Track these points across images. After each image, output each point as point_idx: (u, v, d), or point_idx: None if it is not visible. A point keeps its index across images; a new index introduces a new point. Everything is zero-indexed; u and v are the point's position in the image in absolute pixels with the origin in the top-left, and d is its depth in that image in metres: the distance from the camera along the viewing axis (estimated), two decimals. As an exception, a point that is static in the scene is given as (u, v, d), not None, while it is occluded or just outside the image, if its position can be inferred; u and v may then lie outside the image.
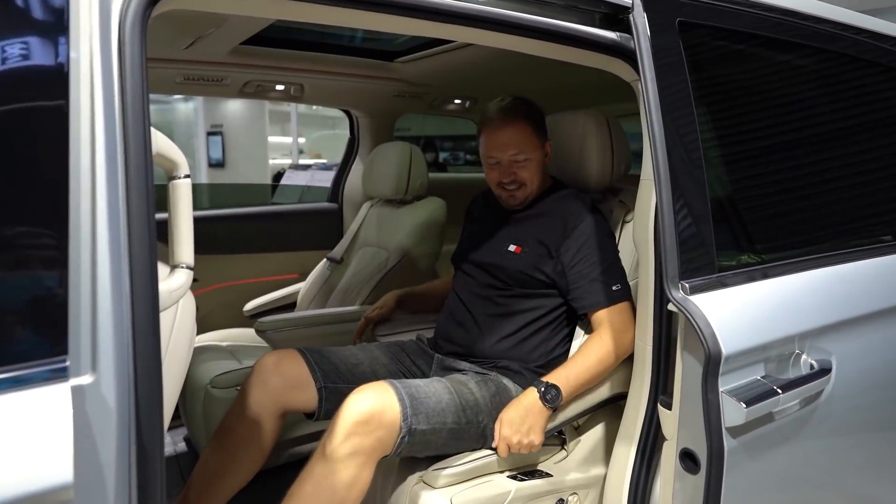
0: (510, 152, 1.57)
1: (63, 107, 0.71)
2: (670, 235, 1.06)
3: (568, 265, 1.53)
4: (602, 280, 1.48)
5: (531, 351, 1.57)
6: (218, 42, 1.82)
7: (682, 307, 1.03)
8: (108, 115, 0.75)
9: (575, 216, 1.55)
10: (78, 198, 0.71)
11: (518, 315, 1.58)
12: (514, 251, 1.59)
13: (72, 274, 0.70)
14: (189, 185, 0.89)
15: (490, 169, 1.62)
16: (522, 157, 1.58)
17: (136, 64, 0.77)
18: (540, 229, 1.58)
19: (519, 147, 1.58)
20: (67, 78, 0.71)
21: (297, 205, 2.94)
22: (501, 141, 1.58)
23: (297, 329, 1.99)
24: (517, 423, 1.36)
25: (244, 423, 1.44)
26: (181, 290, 0.87)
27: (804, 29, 1.40)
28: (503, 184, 1.60)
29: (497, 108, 1.60)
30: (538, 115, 1.64)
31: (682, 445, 1.11)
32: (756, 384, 1.04)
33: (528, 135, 1.59)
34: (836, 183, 1.43)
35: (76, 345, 0.70)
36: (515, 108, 1.60)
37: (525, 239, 1.59)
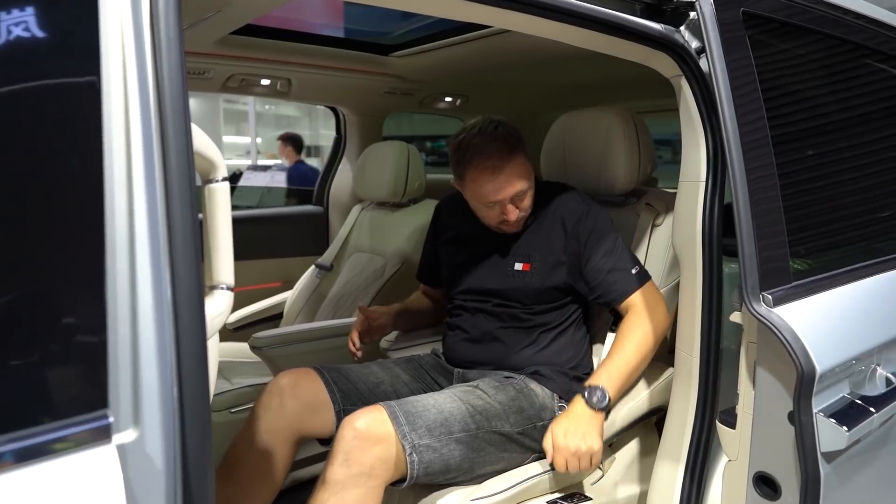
0: (514, 192, 1.40)
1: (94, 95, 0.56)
2: (749, 243, 0.98)
3: (582, 266, 1.45)
4: (620, 268, 1.42)
5: (558, 353, 1.48)
6: (209, 30, 1.65)
7: (766, 321, 0.94)
8: (143, 105, 0.60)
9: (572, 214, 1.47)
10: (113, 211, 0.57)
11: (541, 327, 1.49)
12: (522, 269, 1.48)
13: (109, 305, 0.56)
14: (227, 189, 0.75)
15: (487, 209, 1.44)
16: (525, 191, 1.43)
17: (172, 38, 0.63)
18: (541, 239, 1.49)
19: (524, 183, 1.41)
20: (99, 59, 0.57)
21: (280, 209, 2.77)
22: (504, 184, 1.39)
23: (296, 344, 1.84)
24: (571, 431, 1.25)
25: (255, 451, 1.29)
26: (222, 316, 0.73)
27: (866, 31, 1.35)
28: (506, 220, 1.44)
29: (490, 145, 1.37)
30: (521, 137, 1.44)
31: (756, 469, 1.03)
32: (846, 403, 0.96)
33: (522, 163, 1.42)
34: (884, 188, 1.39)
35: (116, 394, 0.55)
36: (504, 138, 1.39)
37: (530, 253, 1.48)
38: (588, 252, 1.44)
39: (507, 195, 1.40)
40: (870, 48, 1.37)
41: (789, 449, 0.95)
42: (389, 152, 2.23)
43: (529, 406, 1.38)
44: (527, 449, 1.37)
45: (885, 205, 1.37)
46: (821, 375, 0.91)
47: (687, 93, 1.19)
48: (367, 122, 2.65)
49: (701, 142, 1.19)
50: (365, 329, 1.64)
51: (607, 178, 1.59)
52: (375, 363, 1.57)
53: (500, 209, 1.43)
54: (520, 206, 1.44)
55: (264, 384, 1.42)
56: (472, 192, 1.44)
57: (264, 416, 1.32)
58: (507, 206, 1.42)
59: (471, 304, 1.54)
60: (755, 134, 1.05)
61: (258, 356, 1.83)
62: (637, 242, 1.58)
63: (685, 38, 1.18)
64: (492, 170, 1.38)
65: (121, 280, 0.58)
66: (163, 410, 0.58)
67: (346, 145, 2.71)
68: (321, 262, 2.43)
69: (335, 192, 2.73)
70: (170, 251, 0.61)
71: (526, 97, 2.84)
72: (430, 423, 1.23)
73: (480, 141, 1.39)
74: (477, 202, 1.46)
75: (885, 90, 1.45)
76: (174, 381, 0.60)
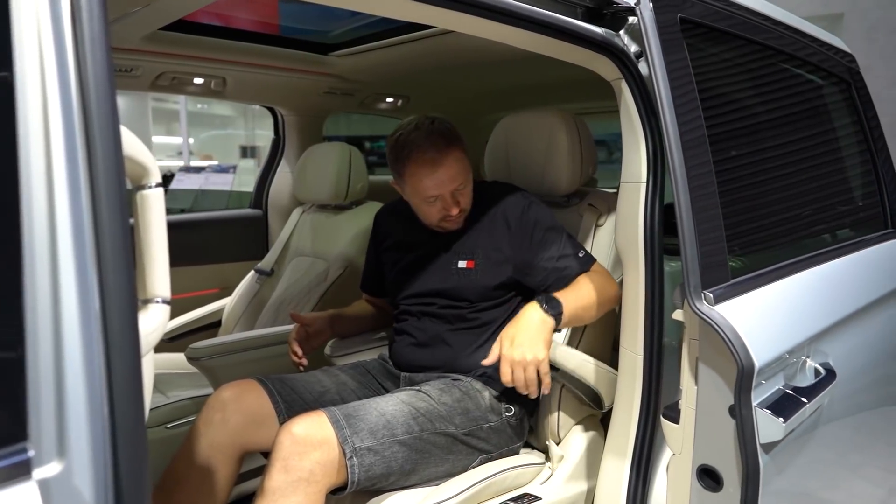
0: (455, 184, 1.41)
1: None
2: (691, 244, 1.00)
3: (530, 257, 1.45)
4: (567, 254, 1.43)
5: None
6: (136, 25, 1.56)
7: (708, 318, 0.97)
8: (65, 105, 0.55)
9: (512, 207, 1.48)
10: (31, 219, 0.52)
11: (488, 326, 1.49)
12: (466, 267, 1.47)
13: (28, 321, 0.51)
14: (161, 196, 0.70)
15: (428, 206, 1.44)
16: (464, 186, 1.44)
17: (96, 32, 0.58)
18: (483, 234, 1.49)
19: (463, 176, 1.43)
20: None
21: (217, 212, 2.65)
22: (442, 177, 1.39)
23: (235, 354, 1.76)
24: (519, 336, 1.24)
25: (197, 470, 1.23)
26: (158, 331, 0.68)
27: (785, 37, 1.42)
28: (448, 216, 1.44)
29: (426, 139, 1.39)
30: (458, 134, 1.46)
31: (699, 462, 1.05)
32: (781, 395, 1.01)
33: (461, 157, 1.43)
34: (813, 181, 1.46)
35: (37, 422, 0.50)
36: (443, 134, 1.40)
37: (473, 250, 1.48)
38: (534, 243, 1.45)
39: (447, 189, 1.41)
40: (788, 53, 1.44)
41: (730, 442, 0.98)
42: (331, 154, 2.18)
43: (475, 407, 1.38)
44: (474, 450, 1.36)
45: (811, 201, 1.45)
46: (759, 370, 0.95)
47: (627, 96, 1.22)
48: (306, 122, 2.58)
49: (641, 144, 1.22)
50: (303, 336, 1.60)
51: (550, 179, 1.60)
52: (321, 371, 1.53)
53: (440, 205, 1.43)
54: (460, 201, 1.44)
55: (203, 397, 1.36)
56: (412, 187, 1.43)
57: (206, 431, 1.26)
58: (448, 200, 1.42)
59: (416, 308, 1.52)
60: (693, 134, 1.09)
61: (196, 367, 1.75)
62: (581, 242, 1.60)
63: (625, 42, 1.20)
64: (430, 163, 1.38)
65: (41, 293, 0.53)
66: (92, 439, 0.54)
67: (284, 146, 2.64)
68: (261, 266, 2.35)
69: (274, 194, 2.65)
70: (98, 262, 0.56)
71: (468, 98, 2.84)
72: (372, 426, 1.21)
73: (417, 136, 1.39)
74: (417, 199, 1.45)
75: (804, 93, 1.54)
76: (104, 404, 0.55)
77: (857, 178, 1.69)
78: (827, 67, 1.61)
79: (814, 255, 1.31)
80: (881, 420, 1.45)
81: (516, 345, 1.23)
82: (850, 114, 1.70)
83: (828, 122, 1.61)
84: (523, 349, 1.22)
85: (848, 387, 1.20)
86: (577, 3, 1.17)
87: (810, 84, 1.56)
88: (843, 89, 1.69)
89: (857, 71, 1.77)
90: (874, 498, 1.55)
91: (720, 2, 1.26)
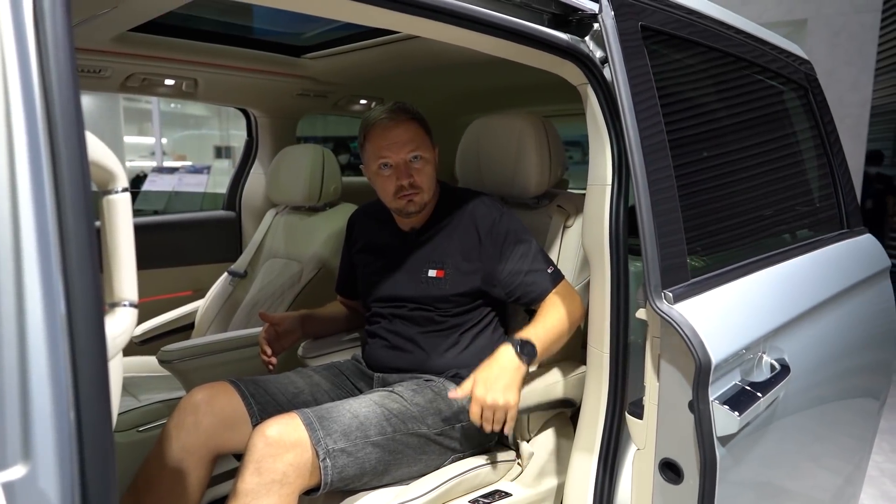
0: (406, 150, 1.45)
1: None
2: (652, 245, 1.03)
3: (498, 269, 1.48)
4: (536, 269, 1.46)
5: (477, 355, 1.49)
6: (104, 26, 1.55)
7: (668, 317, 1.00)
8: (28, 109, 0.56)
9: (484, 217, 1.50)
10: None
11: (457, 328, 1.51)
12: (436, 276, 1.49)
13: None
14: (128, 200, 0.71)
15: (384, 179, 1.46)
16: (419, 158, 1.46)
17: (61, 43, 0.59)
18: (454, 243, 1.50)
19: (416, 144, 1.46)
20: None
21: (190, 214, 2.63)
22: (395, 139, 1.44)
23: (208, 356, 1.76)
24: (492, 380, 1.25)
25: (169, 473, 1.23)
26: (125, 334, 0.69)
27: (745, 44, 1.47)
28: (401, 188, 1.45)
29: (385, 109, 1.48)
30: (425, 119, 1.54)
31: (661, 455, 1.09)
32: (737, 390, 1.04)
33: (422, 133, 1.49)
34: (771, 183, 1.51)
35: (2, 427, 0.51)
36: (404, 109, 1.48)
37: (443, 259, 1.50)
38: (504, 255, 1.47)
39: (400, 155, 1.44)
40: (748, 60, 1.49)
41: (690, 435, 1.01)
42: (304, 156, 2.19)
43: (447, 408, 1.40)
44: (446, 449, 1.38)
45: (770, 203, 1.50)
46: (716, 366, 0.99)
47: (593, 100, 1.25)
48: (279, 124, 2.58)
49: (606, 147, 1.25)
50: (272, 336, 1.60)
51: (520, 181, 1.63)
52: (294, 372, 1.53)
53: (394, 175, 1.45)
54: (413, 175, 1.45)
55: (175, 400, 1.36)
56: (369, 156, 1.47)
57: (178, 434, 1.26)
58: (401, 170, 1.44)
59: (387, 311, 1.54)
60: (654, 139, 1.12)
61: (168, 370, 1.74)
62: (550, 243, 1.63)
63: (590, 48, 1.23)
64: (384, 127, 1.44)
65: (6, 297, 0.53)
66: (58, 441, 0.54)
67: (258, 148, 2.63)
68: (234, 268, 2.35)
69: (247, 196, 2.64)
70: (63, 266, 0.57)
71: (443, 100, 2.86)
72: (345, 428, 1.22)
73: (380, 110, 1.48)
74: (373, 168, 1.47)
75: (762, 98, 1.59)
76: (70, 408, 0.56)
77: (815, 181, 1.75)
78: (785, 74, 1.66)
79: (772, 255, 1.36)
80: (837, 412, 1.51)
81: (489, 389, 1.24)
82: (808, 119, 1.76)
83: (786, 126, 1.67)
84: (496, 394, 1.23)
85: (804, 381, 1.25)
86: (543, 10, 1.19)
87: (769, 90, 1.61)
88: (801, 95, 1.75)
89: (815, 77, 1.83)
90: (832, 486, 1.61)
91: (681, 10, 1.30)
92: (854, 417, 1.66)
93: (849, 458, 1.68)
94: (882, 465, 2.97)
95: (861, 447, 1.75)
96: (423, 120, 1.52)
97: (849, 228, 1.79)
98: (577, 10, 1.19)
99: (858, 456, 1.75)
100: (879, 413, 1.83)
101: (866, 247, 1.81)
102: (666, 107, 1.17)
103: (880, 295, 1.76)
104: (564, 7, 1.19)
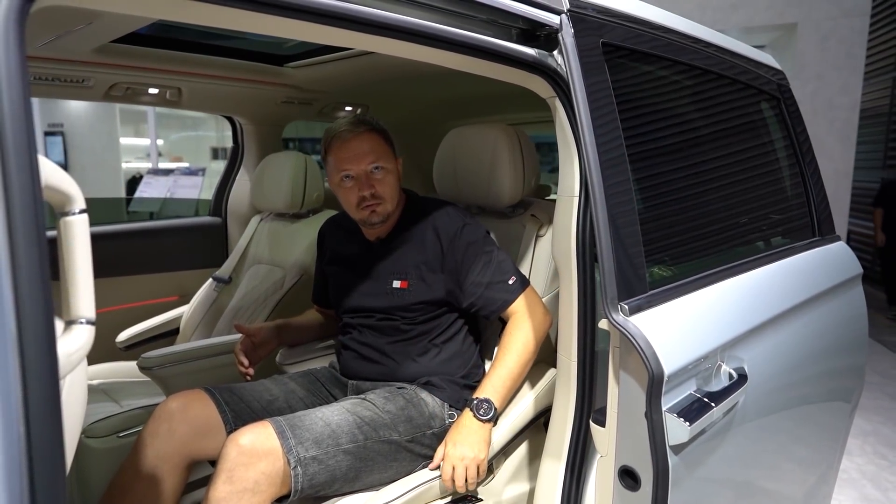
0: (367, 161, 1.47)
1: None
2: (608, 257, 1.06)
3: (461, 279, 1.50)
4: (498, 280, 1.48)
5: (448, 363, 1.53)
6: (83, 39, 1.57)
7: (623, 329, 1.03)
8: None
9: (447, 227, 1.52)
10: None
11: (425, 336, 1.53)
12: (400, 287, 1.51)
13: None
14: (86, 221, 0.73)
15: (346, 191, 1.49)
16: (379, 168, 1.49)
17: (14, 71, 0.61)
18: (416, 254, 1.52)
19: (376, 155, 1.48)
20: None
21: (176, 220, 2.65)
22: (355, 151, 1.47)
23: (188, 363, 1.78)
24: (459, 442, 1.33)
25: (143, 480, 1.25)
26: (81, 351, 0.71)
27: (712, 57, 1.49)
28: (363, 199, 1.47)
29: (346, 121, 1.50)
30: (386, 130, 1.56)
31: (620, 463, 1.12)
32: (692, 399, 1.07)
33: (382, 144, 1.51)
34: (739, 195, 1.54)
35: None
36: (363, 121, 1.51)
37: (406, 270, 1.52)
38: (466, 266, 1.49)
39: (360, 166, 1.46)
40: (716, 72, 1.51)
41: (645, 444, 1.04)
42: (287, 163, 2.21)
43: (419, 415, 1.42)
44: (417, 456, 1.41)
45: (737, 214, 1.52)
46: (669, 376, 1.01)
47: (561, 113, 1.27)
48: (264, 131, 2.61)
49: (574, 159, 1.27)
50: (249, 347, 1.63)
51: (494, 190, 1.66)
52: (270, 379, 1.56)
53: (356, 187, 1.47)
54: (374, 186, 1.47)
55: (155, 405, 1.38)
56: (333, 167, 1.49)
57: (152, 442, 1.29)
58: (362, 182, 1.46)
59: (356, 321, 1.57)
60: (613, 153, 1.14)
61: (148, 377, 1.77)
62: (523, 252, 1.66)
63: (558, 63, 1.25)
64: (343, 139, 1.47)
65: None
66: (6, 464, 0.57)
67: (243, 155, 2.66)
68: (219, 274, 2.37)
69: (233, 202, 2.67)
70: (14, 286, 0.60)
71: (428, 108, 2.89)
72: (317, 436, 1.24)
73: (341, 123, 1.50)
74: (335, 180, 1.50)
75: (731, 110, 1.62)
76: (20, 429, 0.58)
77: (787, 190, 1.78)
78: (756, 85, 1.69)
79: (737, 265, 1.39)
80: (803, 417, 1.53)
81: (458, 446, 1.33)
82: (780, 128, 1.79)
83: (756, 137, 1.69)
84: (464, 450, 1.32)
85: (765, 388, 1.27)
86: (511, 26, 1.22)
87: (739, 101, 1.64)
88: (773, 105, 1.78)
89: (787, 87, 1.86)
90: (800, 488, 1.64)
91: (645, 25, 1.32)
92: (822, 420, 1.69)
93: (818, 461, 1.71)
94: (864, 467, 3.01)
95: (831, 449, 1.78)
96: (384, 131, 1.54)
97: (821, 236, 1.82)
98: (544, 26, 1.21)
99: (829, 458, 1.78)
100: (851, 415, 1.86)
101: (838, 254, 1.84)
102: (628, 120, 1.20)
103: (851, 301, 1.79)
104: (531, 23, 1.22)
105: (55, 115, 9.72)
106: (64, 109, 9.67)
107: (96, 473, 1.55)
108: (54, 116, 9.72)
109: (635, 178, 1.18)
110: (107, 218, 4.99)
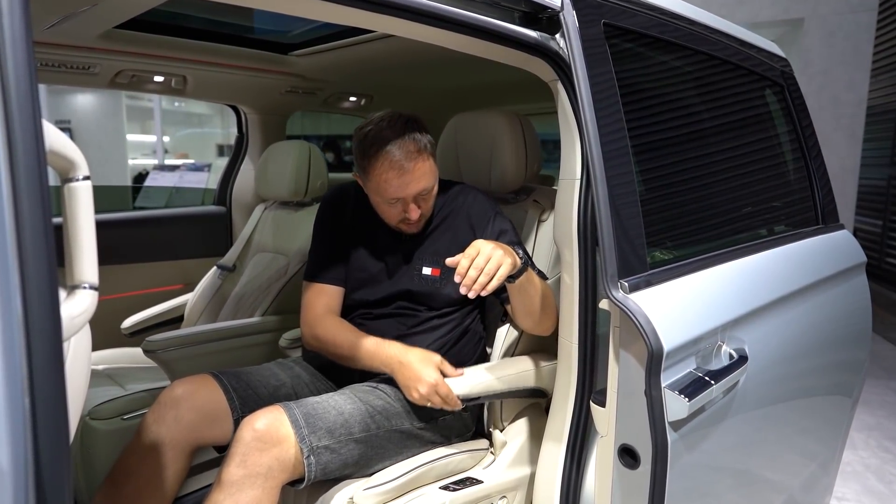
0: (417, 191, 1.40)
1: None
2: (608, 235, 1.06)
3: None
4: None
5: (460, 351, 1.52)
6: (88, 23, 1.58)
7: (623, 306, 1.03)
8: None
9: (480, 215, 1.51)
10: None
11: (442, 327, 1.52)
12: (431, 274, 1.48)
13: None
14: (90, 188, 0.74)
15: (388, 207, 1.42)
16: (428, 192, 1.44)
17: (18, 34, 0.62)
18: (450, 241, 1.50)
19: (428, 183, 1.41)
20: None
21: (181, 209, 2.67)
22: (409, 182, 1.37)
23: (192, 347, 1.80)
24: (487, 246, 1.21)
25: (148, 464, 1.25)
26: (85, 314, 0.72)
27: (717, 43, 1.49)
28: (407, 220, 1.43)
29: (397, 141, 1.35)
30: (433, 142, 1.44)
31: (620, 441, 1.12)
32: (691, 377, 1.07)
33: (431, 164, 1.42)
34: (741, 179, 1.54)
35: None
36: (417, 145, 1.37)
37: (439, 257, 1.49)
38: None
39: (411, 193, 1.39)
40: (720, 58, 1.51)
41: (644, 421, 1.04)
42: (291, 152, 2.22)
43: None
44: (427, 442, 1.41)
45: (739, 198, 1.52)
46: (668, 353, 1.02)
47: (563, 96, 1.27)
48: (268, 120, 2.62)
49: (576, 142, 1.28)
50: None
51: (497, 177, 1.66)
52: (275, 364, 1.56)
53: (401, 207, 1.41)
54: (422, 206, 1.43)
55: (160, 389, 1.38)
56: (376, 186, 1.40)
57: (158, 428, 1.28)
58: (410, 205, 1.40)
59: (376, 310, 1.53)
60: (615, 135, 1.15)
61: (152, 360, 1.78)
62: (524, 238, 1.66)
63: (560, 46, 1.25)
64: (398, 168, 1.35)
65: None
66: (11, 421, 0.57)
67: (248, 144, 2.67)
68: (223, 262, 2.39)
69: (238, 191, 2.68)
70: (19, 251, 0.60)
71: (433, 97, 2.89)
72: (329, 426, 1.24)
73: (389, 136, 1.35)
74: (379, 198, 1.43)
75: (734, 95, 1.61)
76: (25, 389, 0.59)
77: (790, 176, 1.77)
78: (760, 72, 1.69)
79: (739, 248, 1.39)
80: (804, 401, 1.53)
81: (494, 246, 1.22)
82: (784, 116, 1.79)
83: (760, 124, 1.69)
84: (499, 249, 1.22)
85: (765, 370, 1.27)
86: (514, 8, 1.22)
87: (742, 87, 1.63)
88: (776, 92, 1.78)
89: (792, 75, 1.85)
90: (799, 476, 1.64)
91: (648, 8, 1.32)
92: (823, 404, 1.69)
93: (817, 449, 1.71)
94: (867, 460, 3.00)
95: (832, 437, 1.78)
96: (430, 142, 1.42)
97: (824, 224, 1.82)
98: (545, 8, 1.21)
99: (829, 447, 1.78)
100: (854, 398, 1.84)
101: (841, 242, 1.84)
102: (630, 104, 1.20)
103: (855, 288, 1.79)
104: (533, 5, 1.22)
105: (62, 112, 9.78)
106: (71, 106, 9.72)
107: (100, 455, 1.57)
108: (61, 113, 9.78)
109: (636, 160, 1.19)
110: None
